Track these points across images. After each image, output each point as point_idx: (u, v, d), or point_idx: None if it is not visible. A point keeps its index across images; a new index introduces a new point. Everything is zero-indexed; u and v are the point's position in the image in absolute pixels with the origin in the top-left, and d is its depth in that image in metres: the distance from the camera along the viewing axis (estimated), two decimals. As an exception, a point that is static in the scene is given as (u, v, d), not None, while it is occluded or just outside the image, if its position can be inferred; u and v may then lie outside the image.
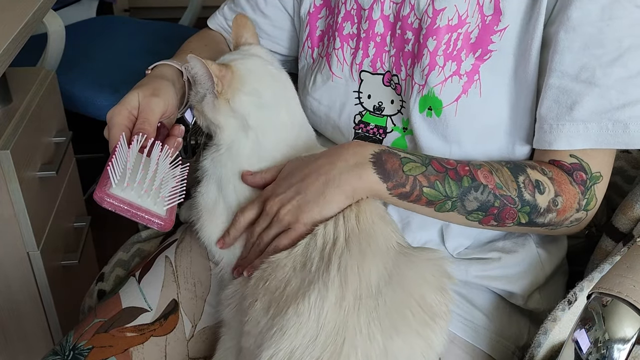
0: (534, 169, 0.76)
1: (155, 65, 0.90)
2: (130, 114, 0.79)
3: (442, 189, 0.74)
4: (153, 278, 0.89)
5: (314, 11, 0.93)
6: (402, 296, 0.69)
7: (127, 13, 2.63)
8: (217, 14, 1.06)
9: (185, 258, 0.90)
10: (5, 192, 1.11)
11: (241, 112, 0.79)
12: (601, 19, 0.71)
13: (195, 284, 0.88)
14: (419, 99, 0.81)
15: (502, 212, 0.75)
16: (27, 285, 1.23)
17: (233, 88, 0.78)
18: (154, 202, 0.71)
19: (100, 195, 0.68)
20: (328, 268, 0.69)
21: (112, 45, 1.94)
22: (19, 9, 1.16)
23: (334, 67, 0.89)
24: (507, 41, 0.77)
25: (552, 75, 0.74)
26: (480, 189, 0.74)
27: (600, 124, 0.73)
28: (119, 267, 1.00)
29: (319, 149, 0.83)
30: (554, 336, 0.72)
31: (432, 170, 0.74)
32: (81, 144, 1.57)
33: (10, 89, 1.20)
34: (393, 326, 0.67)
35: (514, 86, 0.78)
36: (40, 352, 1.31)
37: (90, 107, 1.70)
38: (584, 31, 0.72)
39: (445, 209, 0.75)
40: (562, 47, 0.73)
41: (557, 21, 0.74)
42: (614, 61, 0.71)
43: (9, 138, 1.11)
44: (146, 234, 1.02)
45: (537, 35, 0.75)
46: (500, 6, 0.76)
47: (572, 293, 0.72)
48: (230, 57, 0.83)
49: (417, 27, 0.81)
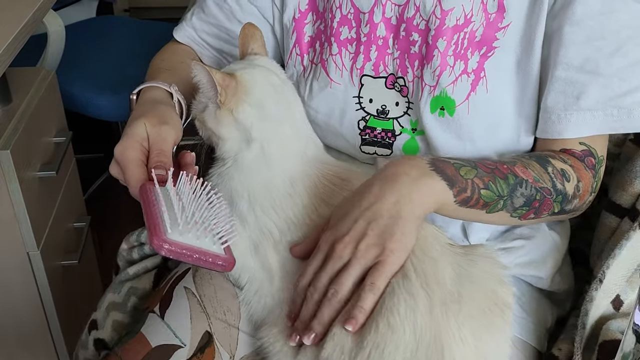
0: (555, 159, 0.79)
1: (140, 88, 0.85)
2: (142, 147, 0.73)
3: (495, 189, 0.74)
4: (178, 311, 0.81)
5: (299, 17, 0.90)
6: (476, 295, 0.69)
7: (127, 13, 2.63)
8: (184, 26, 0.99)
9: (207, 286, 0.82)
10: (5, 192, 1.11)
11: (244, 123, 0.75)
12: (602, 13, 0.75)
13: (225, 313, 0.81)
14: (430, 100, 0.81)
15: (542, 205, 0.77)
16: (27, 286, 1.22)
17: (237, 98, 0.75)
18: (212, 242, 0.65)
19: (159, 243, 0.61)
20: (407, 275, 0.67)
21: (112, 45, 1.94)
22: (19, 9, 1.16)
23: (332, 74, 0.87)
24: (510, 37, 0.79)
25: (558, 68, 0.77)
26: (523, 185, 0.75)
27: (605, 112, 0.77)
28: (115, 311, 0.92)
29: (330, 160, 0.81)
30: (592, 316, 0.77)
31: (482, 172, 0.74)
32: (81, 144, 1.57)
33: (10, 89, 1.20)
34: (478, 325, 0.67)
35: (518, 79, 0.81)
36: (40, 352, 1.31)
37: (90, 107, 1.71)
38: (586, 25, 0.75)
39: (497, 209, 0.75)
40: (567, 41, 0.76)
41: (561, 16, 0.76)
42: (615, 52, 0.75)
43: (9, 138, 1.11)
44: (134, 270, 0.95)
45: (540, 30, 0.78)
46: (504, 3, 0.78)
47: (602, 272, 0.76)
48: (236, 66, 0.80)
49: (423, 29, 0.81)
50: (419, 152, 0.87)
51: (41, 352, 1.31)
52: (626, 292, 0.78)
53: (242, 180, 0.77)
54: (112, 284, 0.95)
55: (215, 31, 0.97)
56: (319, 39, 0.89)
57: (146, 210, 0.65)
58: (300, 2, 0.89)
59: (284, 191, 0.76)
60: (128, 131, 0.73)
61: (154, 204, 0.66)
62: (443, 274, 0.69)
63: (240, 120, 0.75)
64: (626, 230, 0.80)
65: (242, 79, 0.76)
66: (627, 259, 0.77)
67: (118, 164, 0.73)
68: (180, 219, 0.63)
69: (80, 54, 1.83)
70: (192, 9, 1.00)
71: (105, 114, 1.73)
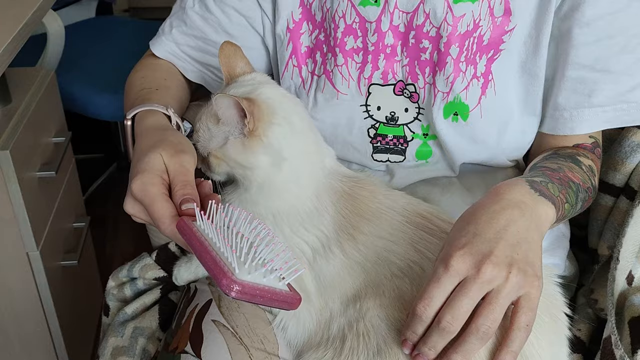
0: (581, 156, 0.81)
1: (135, 112, 0.78)
2: (163, 180, 0.67)
3: (571, 200, 0.74)
4: (214, 347, 0.75)
5: (294, 27, 0.87)
6: (542, 301, 0.65)
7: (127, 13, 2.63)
8: (163, 39, 0.94)
9: (238, 316, 0.77)
10: (4, 192, 1.11)
11: (276, 145, 0.71)
12: (610, 13, 0.76)
13: (262, 341, 0.76)
14: (444, 106, 0.82)
15: (586, 203, 0.79)
16: (27, 286, 1.22)
17: (264, 122, 0.71)
18: (278, 279, 0.59)
19: (230, 285, 0.55)
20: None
21: (112, 45, 1.94)
22: (18, 9, 1.16)
23: (339, 85, 0.85)
24: (515, 39, 0.80)
25: (569, 68, 0.79)
26: (581, 190, 0.77)
27: (615, 107, 0.80)
28: (123, 356, 0.86)
29: (347, 171, 0.79)
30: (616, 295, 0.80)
31: (558, 186, 0.72)
32: (81, 144, 1.57)
33: (9, 89, 1.20)
34: (549, 332, 0.68)
35: (522, 80, 0.82)
36: (40, 352, 1.31)
37: (89, 107, 1.71)
38: (596, 25, 0.77)
39: (568, 217, 0.76)
40: (577, 42, 0.78)
41: (570, 18, 0.77)
42: (623, 49, 0.78)
43: (9, 138, 1.11)
44: (131, 309, 0.90)
45: (547, 31, 0.79)
46: (510, 7, 0.79)
47: (617, 251, 0.80)
48: (238, 90, 0.74)
49: (434, 36, 0.81)
50: (432, 157, 0.87)
51: (41, 352, 1.31)
52: (636, 266, 0.81)
53: (269, 205, 0.73)
54: (110, 326, 0.90)
55: (201, 44, 0.92)
56: (319, 50, 0.87)
57: (199, 250, 0.59)
58: (293, 11, 0.87)
59: (312, 207, 0.74)
60: (143, 166, 0.66)
61: (204, 241, 0.60)
62: None
63: (271, 143, 0.71)
64: (624, 208, 0.86)
65: (262, 100, 0.72)
66: (633, 235, 0.80)
67: (139, 201, 0.66)
68: (241, 256, 0.57)
69: (80, 54, 1.83)
70: (169, 21, 0.94)
71: (105, 114, 1.73)
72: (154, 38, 0.96)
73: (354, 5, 0.82)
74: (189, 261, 0.85)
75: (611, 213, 0.89)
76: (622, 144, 0.88)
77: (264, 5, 0.88)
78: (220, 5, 0.89)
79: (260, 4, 0.88)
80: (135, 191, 0.65)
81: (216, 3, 0.89)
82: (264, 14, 0.89)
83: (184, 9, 0.92)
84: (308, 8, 0.86)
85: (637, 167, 0.87)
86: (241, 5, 0.89)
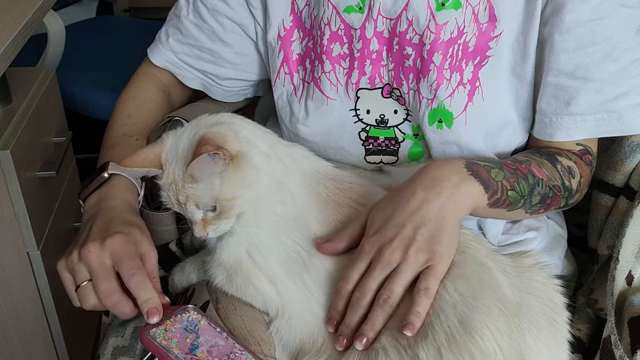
0: (561, 156, 0.81)
1: (110, 173, 0.84)
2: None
3: (519, 189, 0.75)
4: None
5: (285, 35, 0.87)
6: (539, 306, 0.70)
7: (127, 13, 2.63)
8: (160, 48, 0.95)
9: (234, 317, 0.77)
10: (5, 192, 1.11)
11: (257, 165, 0.72)
12: (592, 19, 0.75)
13: (259, 343, 0.76)
14: (429, 112, 0.82)
15: (553, 201, 0.79)
16: (27, 286, 1.22)
17: (229, 144, 0.70)
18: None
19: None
20: (476, 296, 0.67)
21: (112, 45, 1.94)
22: (19, 9, 1.16)
23: (327, 91, 0.86)
24: (503, 45, 0.79)
25: (549, 74, 0.79)
26: (540, 184, 0.77)
27: (596, 116, 0.79)
28: (124, 356, 0.85)
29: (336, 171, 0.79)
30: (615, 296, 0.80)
31: (507, 173, 0.75)
32: (81, 144, 1.57)
33: (10, 89, 1.20)
34: (547, 335, 0.69)
35: (512, 85, 0.82)
36: (40, 351, 1.31)
37: (90, 107, 1.70)
38: (577, 32, 0.76)
39: (517, 207, 0.77)
40: (558, 49, 0.77)
41: (551, 23, 0.77)
42: (606, 57, 0.76)
43: (9, 138, 1.11)
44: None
45: (534, 36, 0.79)
46: (495, 13, 0.78)
47: (616, 251, 0.81)
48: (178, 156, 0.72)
49: (417, 43, 0.80)
50: (424, 157, 0.87)
51: (41, 352, 1.31)
52: (635, 267, 0.82)
53: (260, 225, 0.74)
54: (110, 326, 0.90)
55: (197, 52, 0.94)
56: (308, 57, 0.87)
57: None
58: (284, 19, 0.87)
59: (298, 210, 0.75)
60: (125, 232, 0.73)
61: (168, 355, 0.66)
62: (506, 287, 0.69)
63: (254, 165, 0.71)
64: (623, 208, 0.86)
65: (209, 135, 0.70)
66: (633, 235, 0.81)
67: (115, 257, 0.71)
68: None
69: (80, 54, 1.83)
70: (165, 29, 0.95)
71: (106, 114, 1.72)
72: (151, 46, 0.97)
73: (339, 12, 0.83)
74: (181, 269, 0.85)
75: (611, 213, 0.89)
76: (622, 144, 0.88)
77: (255, 14, 0.89)
78: (214, 14, 0.90)
79: (252, 12, 0.89)
80: (114, 245, 0.71)
81: (210, 12, 0.90)
82: (256, 22, 0.90)
83: (179, 17, 0.93)
84: (299, 16, 0.87)
85: (636, 167, 0.86)
86: (234, 14, 0.90)
